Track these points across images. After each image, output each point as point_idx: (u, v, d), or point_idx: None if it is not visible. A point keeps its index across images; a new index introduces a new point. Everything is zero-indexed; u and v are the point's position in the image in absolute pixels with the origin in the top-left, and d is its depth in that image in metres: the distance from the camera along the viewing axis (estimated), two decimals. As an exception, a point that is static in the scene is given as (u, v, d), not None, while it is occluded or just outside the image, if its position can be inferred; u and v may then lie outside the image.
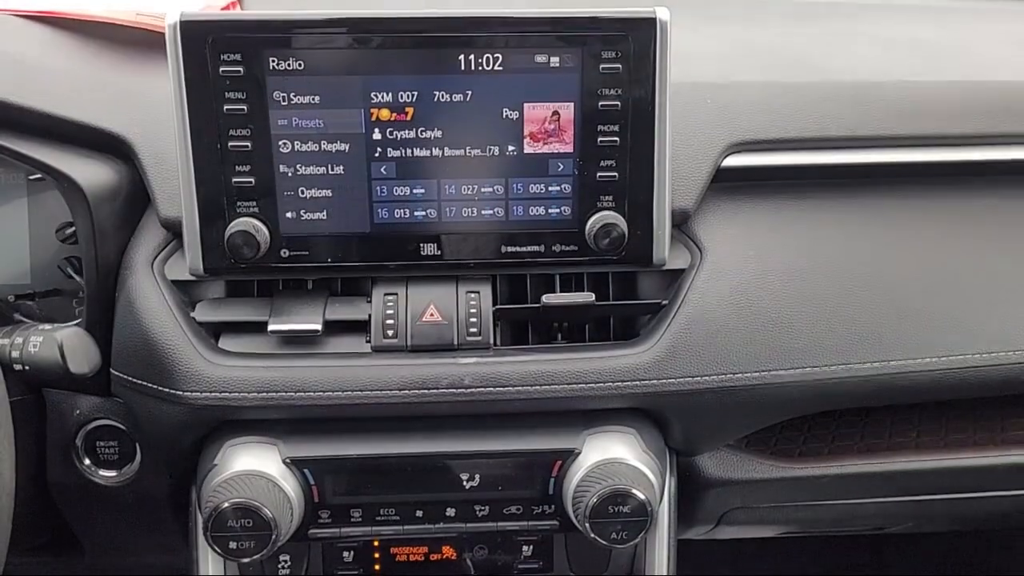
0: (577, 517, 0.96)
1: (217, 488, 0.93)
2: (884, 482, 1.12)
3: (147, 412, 0.98)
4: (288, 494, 0.94)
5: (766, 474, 1.10)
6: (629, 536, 0.95)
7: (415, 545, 1.07)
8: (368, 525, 1.00)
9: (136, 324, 0.96)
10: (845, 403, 1.05)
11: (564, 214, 0.97)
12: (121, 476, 1.05)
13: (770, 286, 1.01)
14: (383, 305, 0.99)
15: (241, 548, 0.92)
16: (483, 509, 1.00)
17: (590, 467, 0.96)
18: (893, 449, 1.12)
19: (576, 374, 0.97)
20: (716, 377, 0.98)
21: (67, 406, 1.03)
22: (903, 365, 1.00)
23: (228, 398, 0.94)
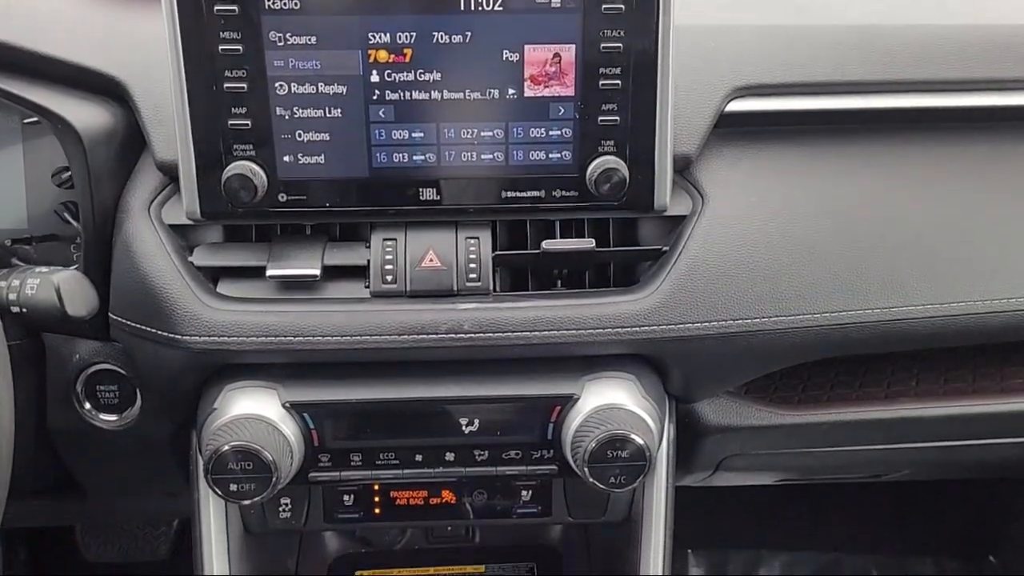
0: (576, 462, 0.97)
1: (217, 431, 0.93)
2: (882, 430, 1.12)
3: (146, 356, 0.98)
4: (288, 438, 0.94)
5: (765, 421, 1.10)
6: (627, 480, 0.96)
7: (415, 489, 1.08)
8: (368, 469, 1.00)
9: (134, 268, 0.96)
10: (846, 350, 1.04)
11: (565, 159, 0.96)
12: (122, 420, 1.05)
13: (772, 232, 1.00)
14: (382, 250, 0.98)
15: (242, 490, 0.93)
16: (482, 454, 1.01)
17: (589, 412, 0.96)
18: (892, 397, 1.12)
19: (576, 320, 0.96)
20: (716, 324, 0.97)
21: (66, 350, 1.03)
22: (905, 312, 1.00)
23: (227, 342, 0.94)
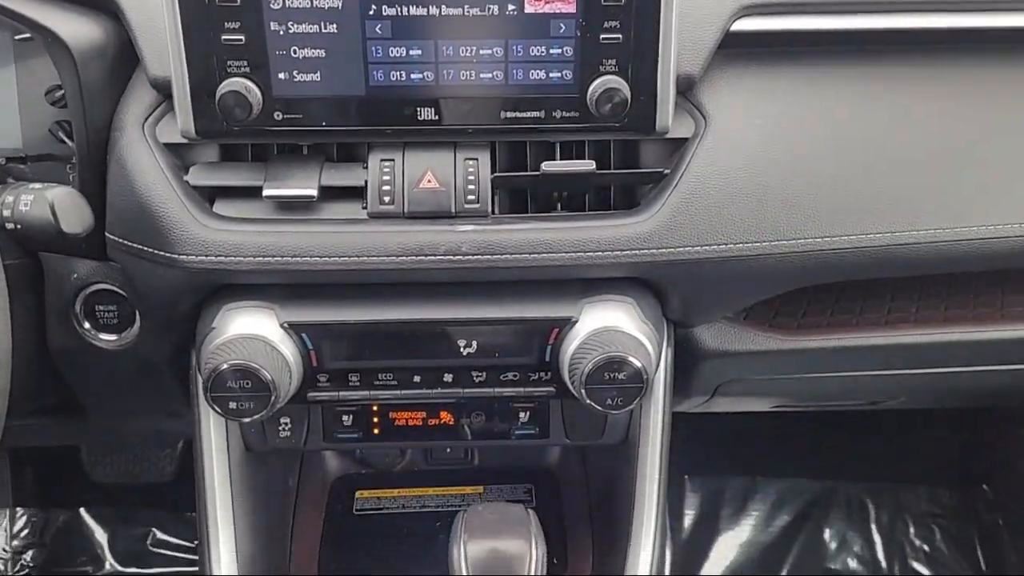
0: (573, 383, 0.97)
1: (216, 350, 0.93)
2: (881, 355, 1.12)
3: (144, 276, 0.98)
4: (286, 357, 0.95)
5: (763, 346, 1.11)
6: (624, 402, 0.96)
7: (413, 410, 1.09)
8: (366, 389, 1.01)
9: (129, 187, 0.95)
10: (847, 275, 1.04)
11: (565, 78, 0.94)
12: (121, 340, 1.06)
13: (775, 156, 0.98)
14: (379, 171, 0.97)
15: (241, 408, 0.94)
16: (480, 375, 1.01)
17: (587, 335, 0.96)
18: (892, 323, 1.12)
19: (575, 243, 0.96)
20: (716, 247, 0.97)
21: (64, 270, 1.03)
22: (907, 236, 0.99)
23: (224, 262, 0.94)
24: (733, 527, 2.19)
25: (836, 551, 2.15)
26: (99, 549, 2.16)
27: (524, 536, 0.86)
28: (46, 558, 2.15)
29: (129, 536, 2.17)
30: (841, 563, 2.14)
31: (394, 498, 1.31)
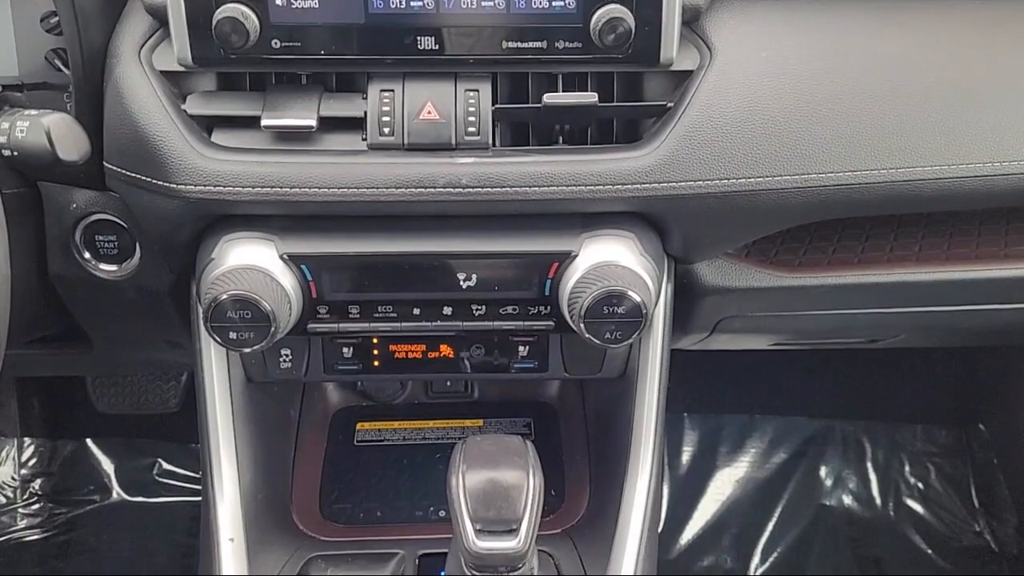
0: (572, 318, 0.97)
1: (215, 281, 0.93)
2: (882, 293, 1.12)
3: (142, 206, 0.97)
4: (286, 289, 0.95)
5: (764, 283, 1.10)
6: (623, 336, 0.97)
7: (413, 343, 1.09)
8: (366, 321, 1.01)
9: (126, 115, 0.94)
10: (851, 212, 1.03)
11: (568, 7, 0.92)
12: (122, 271, 1.06)
13: (781, 89, 0.97)
14: (379, 102, 0.96)
15: (241, 339, 0.94)
16: (480, 309, 1.01)
17: (587, 269, 0.96)
18: (894, 261, 1.11)
19: (576, 176, 0.95)
20: (719, 182, 0.96)
21: (64, 199, 1.02)
22: (912, 172, 0.98)
23: (222, 192, 0.93)
24: (730, 464, 2.22)
25: (831, 488, 2.19)
26: (106, 479, 2.20)
27: (521, 467, 0.87)
28: (54, 486, 2.19)
29: (135, 466, 2.21)
30: (836, 500, 2.17)
31: (394, 430, 1.33)
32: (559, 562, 1.09)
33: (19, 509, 2.15)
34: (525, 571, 0.89)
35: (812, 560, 2.07)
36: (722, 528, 2.13)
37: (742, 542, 2.10)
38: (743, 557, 2.08)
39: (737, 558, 2.08)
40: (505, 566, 0.86)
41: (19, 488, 2.18)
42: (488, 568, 0.86)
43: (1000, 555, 2.07)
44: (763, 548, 2.09)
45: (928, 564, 2.06)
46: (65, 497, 2.18)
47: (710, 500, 2.17)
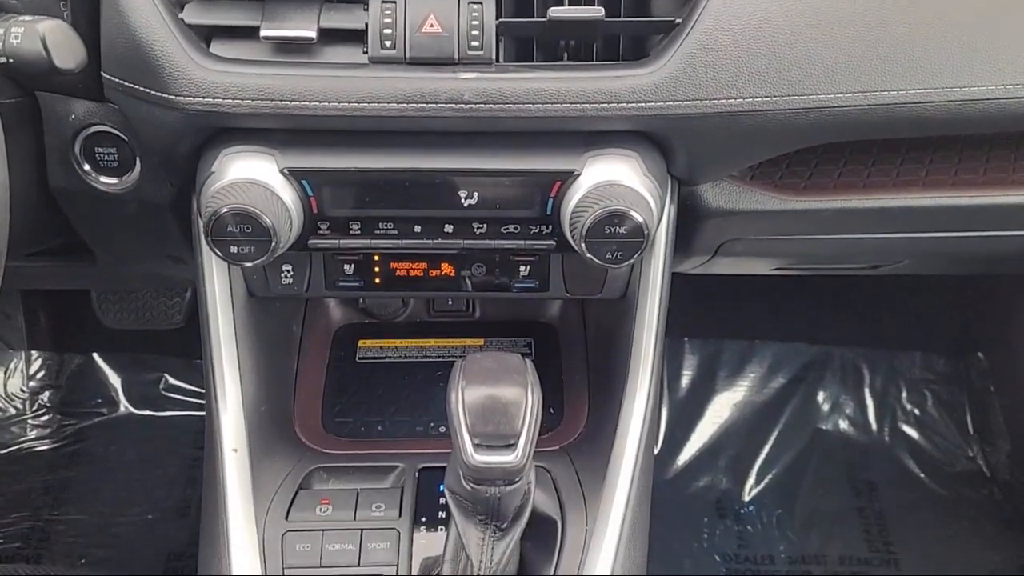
0: (573, 237, 0.97)
1: (215, 194, 0.93)
2: (887, 218, 1.11)
3: (141, 117, 0.96)
4: (286, 204, 0.94)
5: (768, 206, 1.09)
6: (624, 257, 0.96)
7: (414, 261, 1.09)
8: (367, 238, 1.01)
9: (123, 24, 0.92)
10: (859, 134, 1.02)
11: None
12: (122, 184, 1.05)
13: (791, 8, 0.94)
14: (381, 13, 0.94)
15: (242, 253, 0.94)
16: (481, 227, 1.01)
17: (589, 188, 0.95)
18: (900, 186, 1.10)
19: (580, 93, 0.93)
20: (726, 101, 0.94)
21: (62, 110, 1.01)
22: (921, 94, 0.96)
23: (222, 104, 0.92)
24: (729, 388, 2.25)
25: (828, 413, 2.22)
26: (113, 392, 2.24)
27: (520, 384, 0.88)
28: (62, 399, 2.23)
29: (141, 381, 2.25)
30: (832, 424, 2.20)
31: (396, 348, 1.34)
32: (556, 478, 1.11)
33: (29, 420, 2.20)
34: (522, 485, 0.90)
35: (806, 482, 2.11)
36: (719, 451, 2.17)
37: (738, 464, 2.14)
38: (739, 479, 2.12)
39: (733, 480, 2.12)
40: (503, 480, 0.88)
41: (28, 400, 2.22)
42: (486, 481, 0.88)
43: (992, 480, 2.11)
44: (758, 470, 2.13)
45: (921, 488, 2.10)
46: (73, 409, 2.22)
47: (708, 423, 2.20)
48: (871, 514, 2.05)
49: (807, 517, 2.04)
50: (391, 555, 1.03)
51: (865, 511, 2.06)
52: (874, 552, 1.98)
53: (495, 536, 0.93)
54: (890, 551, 1.98)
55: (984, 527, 2.01)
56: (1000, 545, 1.98)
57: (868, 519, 2.04)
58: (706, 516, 2.05)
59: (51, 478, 2.09)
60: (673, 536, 2.00)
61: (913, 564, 1.95)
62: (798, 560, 1.97)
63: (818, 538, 2.00)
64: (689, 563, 1.96)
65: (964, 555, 1.96)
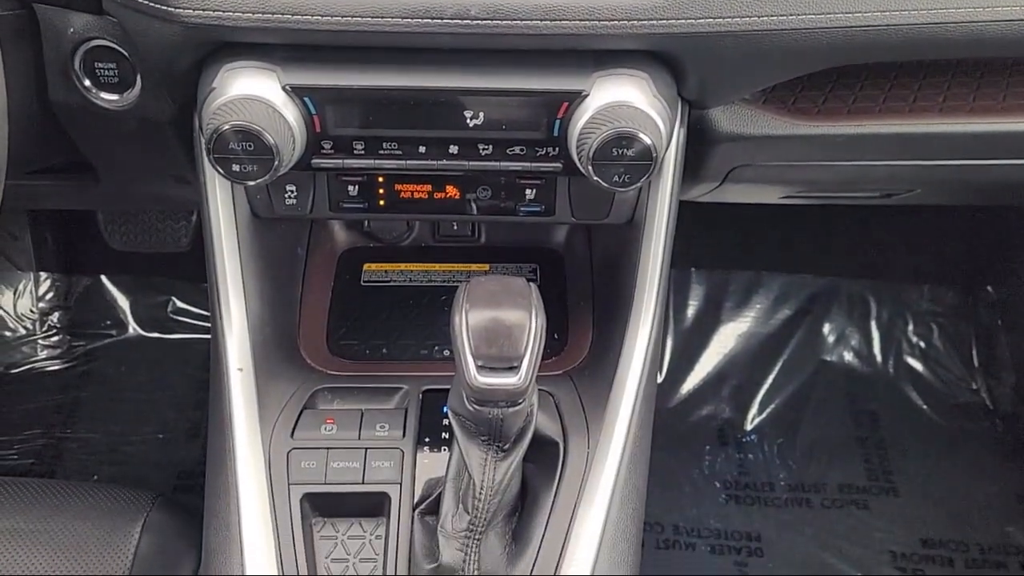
0: (580, 159, 0.95)
1: (217, 111, 0.91)
2: (901, 145, 1.09)
3: (140, 31, 0.94)
4: (289, 121, 0.93)
5: (780, 131, 1.07)
6: (631, 180, 0.95)
7: (419, 183, 1.08)
8: (371, 158, 1.00)
9: None
10: (876, 56, 0.99)
11: None
12: (123, 100, 1.04)
13: (811, -79, 0.90)
14: None
15: (244, 171, 0.93)
16: (486, 148, 0.99)
17: (597, 109, 0.93)
18: (916, 112, 1.08)
19: (589, 10, 0.90)
20: (740, 20, 0.91)
21: (60, 23, 0.99)
22: (943, 15, 0.92)
23: (222, 17, 0.89)
24: (734, 319, 2.25)
25: (833, 345, 2.22)
26: (121, 314, 2.26)
27: (524, 307, 0.87)
28: (71, 320, 2.25)
29: (149, 303, 2.26)
30: (837, 356, 2.21)
31: (401, 272, 1.34)
32: (559, 402, 1.12)
33: (39, 340, 2.22)
34: (525, 407, 0.91)
35: (809, 413, 2.13)
36: (722, 380, 2.18)
37: (741, 394, 2.16)
38: (741, 408, 2.14)
39: (735, 409, 2.14)
40: (505, 401, 0.88)
41: (38, 320, 2.24)
42: (489, 403, 0.88)
43: (994, 412, 2.12)
44: (761, 400, 2.15)
45: (923, 419, 2.11)
46: (82, 331, 2.24)
47: (712, 353, 2.21)
48: (872, 444, 2.07)
49: (808, 446, 2.06)
50: (395, 473, 1.04)
51: (866, 441, 2.07)
52: (873, 481, 2.00)
53: (497, 457, 0.94)
54: (889, 480, 2.00)
55: (983, 459, 2.03)
56: (998, 476, 2.00)
57: (869, 449, 2.06)
58: (708, 444, 2.08)
59: (62, 397, 2.12)
60: (674, 463, 2.03)
61: (911, 493, 1.98)
62: (797, 488, 2.00)
63: (818, 467, 2.03)
64: (689, 489, 1.99)
65: (963, 485, 1.99)
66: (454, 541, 0.97)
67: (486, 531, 0.97)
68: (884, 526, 1.92)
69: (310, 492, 1.02)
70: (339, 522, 1.03)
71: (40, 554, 1.08)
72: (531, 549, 0.99)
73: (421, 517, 1.02)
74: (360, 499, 1.03)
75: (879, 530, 1.92)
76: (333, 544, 1.01)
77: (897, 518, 1.94)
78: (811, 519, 1.94)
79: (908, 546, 1.89)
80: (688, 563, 1.88)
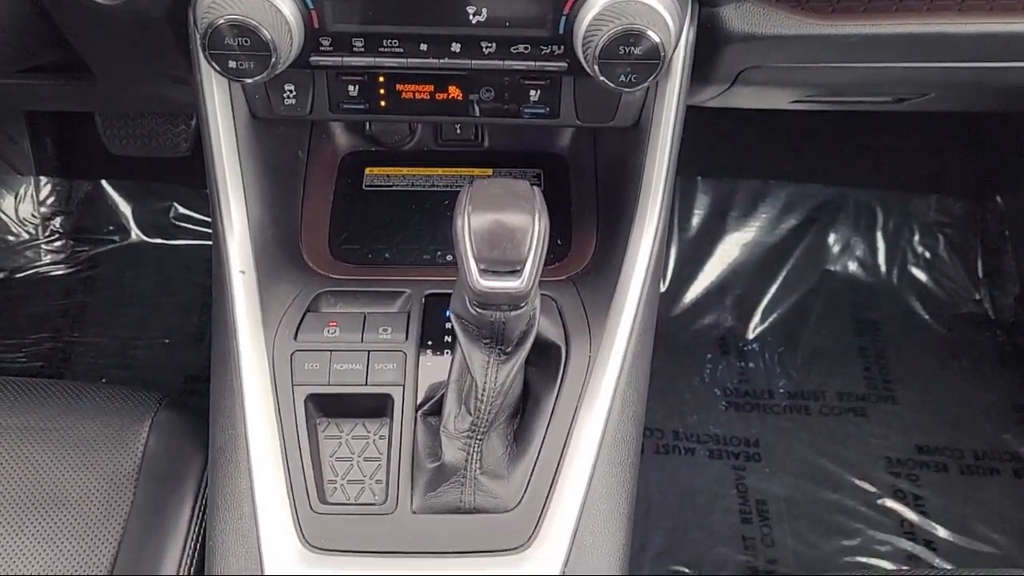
0: (586, 58, 0.93)
1: (211, 5, 0.89)
2: (917, 45, 1.06)
3: (130, -82, 0.90)
4: (286, 16, 0.90)
5: (794, 30, 1.04)
6: (638, 80, 0.93)
7: (421, 82, 1.06)
8: (371, 56, 0.97)
9: None
10: None
11: None
12: None
13: None
14: None
15: (241, 68, 0.91)
16: (490, 46, 0.97)
17: (604, 5, 0.90)
18: (934, 11, 1.04)
19: None
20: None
21: None
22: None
23: None
24: (740, 228, 2.23)
25: (838, 254, 2.21)
26: (124, 220, 2.25)
27: (528, 210, 0.86)
28: (74, 225, 2.24)
29: (152, 209, 2.25)
30: (841, 266, 2.20)
31: (403, 176, 1.32)
32: (561, 307, 1.12)
33: (42, 245, 2.22)
34: (527, 311, 0.91)
35: (811, 322, 2.13)
36: (725, 289, 2.18)
37: (744, 303, 2.16)
38: (744, 317, 2.15)
39: (737, 318, 2.15)
40: (508, 305, 0.88)
41: (40, 225, 2.24)
42: (491, 306, 0.88)
43: (996, 323, 2.13)
44: (764, 309, 2.15)
45: (924, 328, 2.12)
46: (85, 236, 2.24)
47: (716, 262, 2.21)
48: (872, 353, 2.08)
49: (809, 355, 2.08)
50: (398, 376, 1.05)
51: (867, 350, 2.09)
52: (872, 389, 2.02)
53: (500, 360, 0.94)
54: (888, 388, 2.02)
55: (983, 368, 2.05)
56: (996, 385, 2.02)
57: (869, 357, 2.07)
58: (709, 353, 2.09)
59: (68, 302, 2.13)
60: (676, 371, 2.04)
61: (910, 401, 2.00)
62: (797, 395, 2.02)
63: (818, 375, 2.05)
64: (690, 396, 2.02)
65: (961, 394, 2.01)
66: (456, 441, 0.98)
67: (488, 432, 0.99)
68: (881, 433, 1.95)
69: (314, 393, 1.04)
70: (343, 422, 1.04)
71: (50, 451, 1.10)
72: (532, 450, 1.01)
73: (424, 418, 1.04)
74: (364, 400, 1.04)
75: (876, 437, 1.95)
76: (337, 443, 1.03)
77: (894, 425, 1.96)
78: (809, 426, 1.97)
79: (904, 452, 1.92)
80: (686, 467, 1.92)
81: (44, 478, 1.08)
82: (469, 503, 0.98)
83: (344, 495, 1.00)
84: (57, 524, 1.06)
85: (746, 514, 1.85)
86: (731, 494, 1.88)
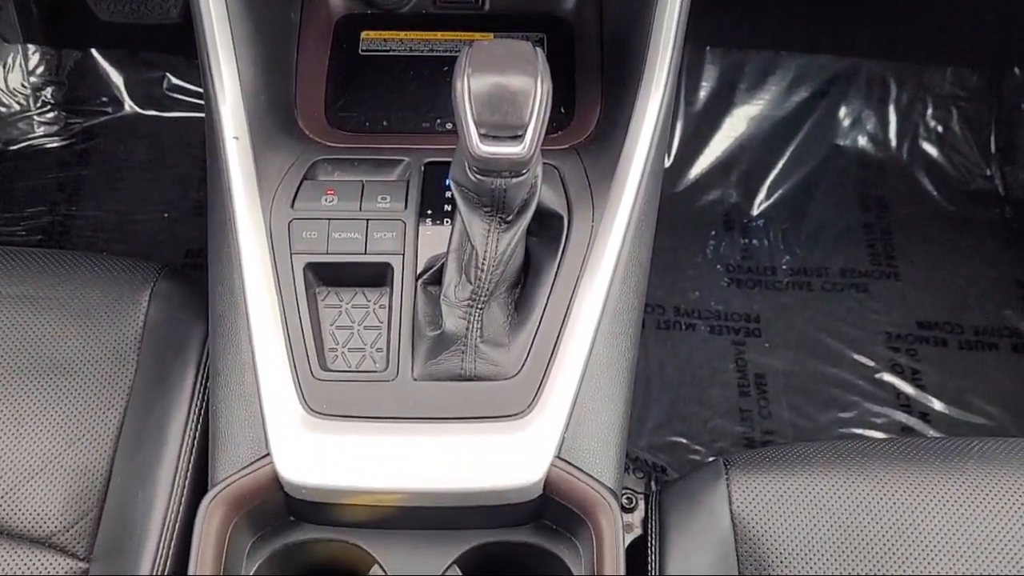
0: None
1: None
2: None
3: None
4: None
5: None
6: None
7: None
8: None
9: None
10: None
11: None
12: None
13: None
14: None
15: None
16: None
17: None
18: None
19: None
20: None
21: None
22: None
23: None
24: (748, 101, 2.18)
25: (848, 128, 2.16)
26: (116, 91, 2.20)
27: (530, 72, 0.82)
28: (65, 96, 2.19)
29: (144, 79, 2.20)
30: (851, 140, 2.16)
31: (401, 40, 1.27)
32: (564, 175, 1.09)
33: (34, 117, 2.18)
34: (528, 178, 0.89)
35: (817, 198, 2.11)
36: (731, 165, 2.15)
37: (750, 179, 2.13)
38: (749, 193, 2.12)
39: (743, 194, 2.12)
40: (509, 171, 0.86)
41: (31, 96, 2.18)
42: (492, 173, 0.86)
43: (1005, 199, 2.10)
44: (769, 185, 2.12)
45: (932, 205, 2.10)
46: (78, 107, 2.19)
47: (723, 137, 2.16)
48: (878, 230, 2.06)
49: (813, 232, 2.06)
50: (397, 244, 1.03)
51: (872, 227, 2.07)
52: (875, 265, 2.01)
53: (500, 228, 0.93)
54: (891, 265, 2.01)
55: (988, 245, 2.03)
56: (1001, 262, 2.01)
57: (874, 234, 2.06)
58: (713, 229, 2.07)
59: (64, 175, 2.11)
60: (679, 246, 2.03)
61: (913, 277, 2.00)
62: (799, 272, 2.01)
63: (822, 252, 2.03)
64: (692, 273, 2.02)
65: (965, 270, 2.00)
66: (457, 310, 0.98)
67: (488, 301, 0.98)
68: (882, 308, 1.96)
69: (313, 262, 1.03)
70: (343, 291, 1.04)
71: (50, 319, 1.10)
72: (533, 318, 1.00)
73: (424, 287, 1.03)
74: (363, 269, 1.03)
75: (876, 312, 1.95)
76: (337, 312, 1.03)
77: (896, 301, 1.97)
78: (810, 301, 1.97)
79: (904, 327, 1.93)
80: (687, 342, 1.93)
81: (46, 346, 1.09)
82: (470, 371, 0.98)
83: (345, 363, 1.00)
84: (62, 390, 1.07)
85: (744, 388, 1.88)
86: (730, 368, 1.90)
